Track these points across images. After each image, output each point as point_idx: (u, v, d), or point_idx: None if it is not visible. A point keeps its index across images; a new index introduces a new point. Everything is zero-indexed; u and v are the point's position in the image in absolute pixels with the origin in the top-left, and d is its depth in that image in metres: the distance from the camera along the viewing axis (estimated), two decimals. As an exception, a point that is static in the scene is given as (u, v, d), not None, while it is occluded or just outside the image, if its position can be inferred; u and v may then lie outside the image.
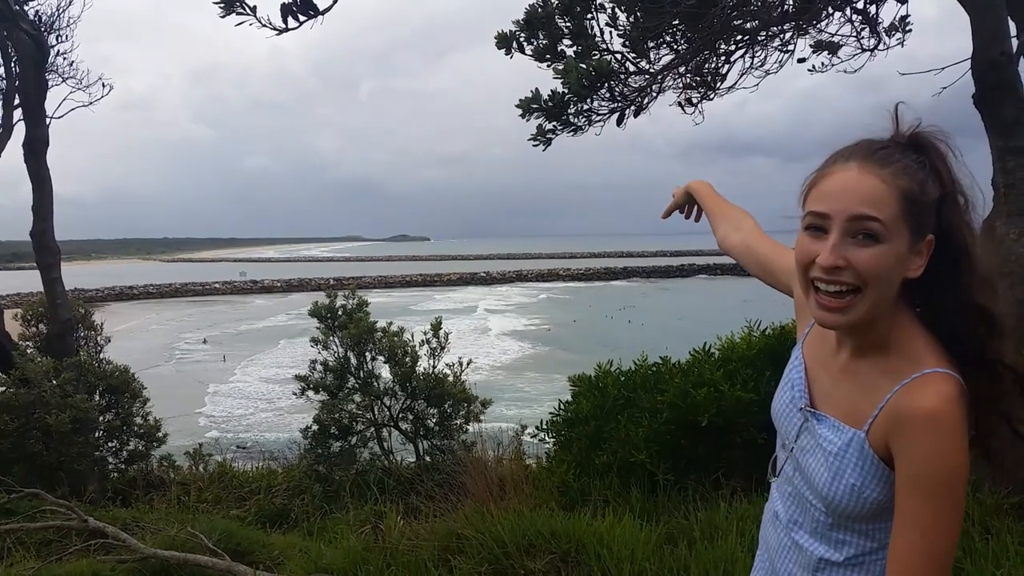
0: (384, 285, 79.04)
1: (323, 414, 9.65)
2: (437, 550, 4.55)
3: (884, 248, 1.29)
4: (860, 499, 1.38)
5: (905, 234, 1.31)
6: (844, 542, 1.45)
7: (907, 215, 1.30)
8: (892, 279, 1.32)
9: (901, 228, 1.30)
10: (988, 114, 4.70)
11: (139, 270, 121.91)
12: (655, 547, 4.21)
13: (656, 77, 5.71)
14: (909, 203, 1.30)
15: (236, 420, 22.75)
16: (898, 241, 1.30)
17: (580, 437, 5.88)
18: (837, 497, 1.40)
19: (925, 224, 1.32)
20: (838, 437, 1.42)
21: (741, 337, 6.11)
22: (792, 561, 1.54)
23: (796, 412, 1.55)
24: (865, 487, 1.37)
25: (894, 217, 1.29)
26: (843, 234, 1.31)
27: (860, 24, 5.88)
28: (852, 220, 1.30)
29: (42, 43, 10.86)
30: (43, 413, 8.91)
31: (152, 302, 69.75)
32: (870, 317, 1.35)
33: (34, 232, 10.87)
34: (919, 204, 1.31)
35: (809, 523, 1.50)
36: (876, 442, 1.35)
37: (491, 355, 33.97)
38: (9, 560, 5.68)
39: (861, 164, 1.33)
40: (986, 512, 4.22)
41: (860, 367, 1.43)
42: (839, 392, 1.47)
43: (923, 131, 1.37)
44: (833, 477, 1.41)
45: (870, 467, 1.36)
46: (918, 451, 1.28)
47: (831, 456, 1.42)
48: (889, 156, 1.33)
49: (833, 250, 1.31)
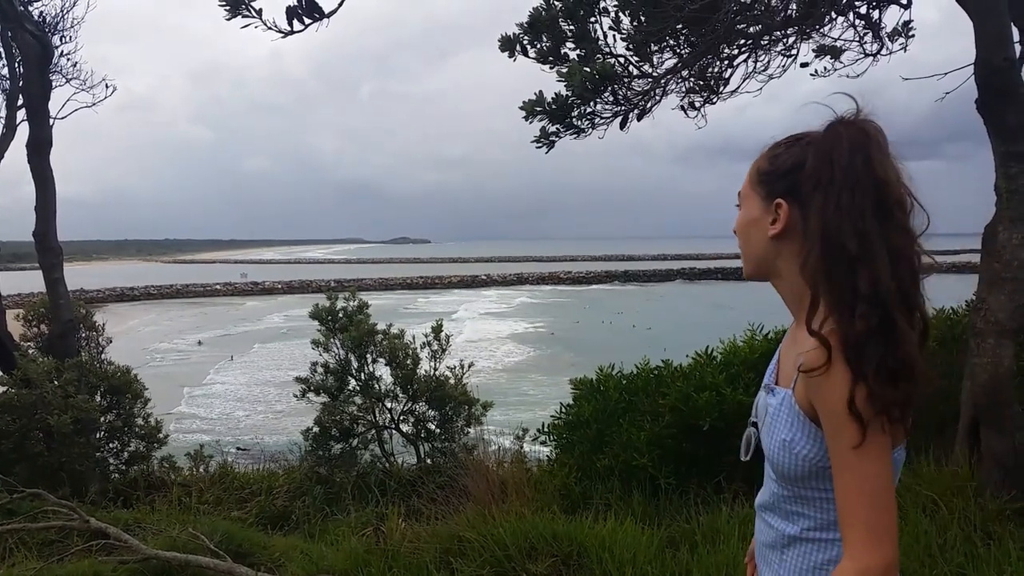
0: (385, 287, 79.05)
1: (324, 416, 9.65)
2: (439, 552, 4.56)
3: (741, 211, 1.65)
4: (792, 455, 1.48)
5: (755, 199, 1.60)
6: (797, 514, 1.54)
7: (756, 184, 1.61)
8: (750, 235, 1.62)
9: (751, 195, 1.62)
10: (991, 119, 4.70)
11: (140, 271, 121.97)
12: (657, 551, 4.21)
13: (659, 81, 5.72)
14: (758, 174, 1.60)
15: (233, 422, 22.78)
16: (748, 205, 1.63)
17: (582, 440, 5.89)
18: (774, 455, 1.52)
19: (773, 190, 1.56)
20: (775, 399, 1.56)
21: (743, 340, 6.12)
22: (767, 545, 1.64)
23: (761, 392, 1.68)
24: (795, 443, 1.47)
25: (746, 187, 1.64)
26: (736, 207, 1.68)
27: (863, 29, 5.89)
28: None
29: (46, 44, 10.88)
30: (45, 414, 8.90)
31: (153, 303, 69.80)
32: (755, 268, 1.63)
33: (37, 232, 10.87)
34: (766, 173, 1.59)
35: (771, 500, 1.60)
36: (801, 399, 1.47)
37: (493, 358, 33.97)
38: (11, 560, 5.68)
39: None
40: (988, 517, 4.22)
41: (794, 332, 1.60)
42: (784, 360, 1.63)
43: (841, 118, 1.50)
44: (770, 436, 1.55)
45: (798, 423, 1.48)
46: (822, 395, 1.40)
47: (770, 417, 1.56)
48: (775, 145, 1.61)
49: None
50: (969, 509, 4.29)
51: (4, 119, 11.34)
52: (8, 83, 11.41)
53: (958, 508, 4.30)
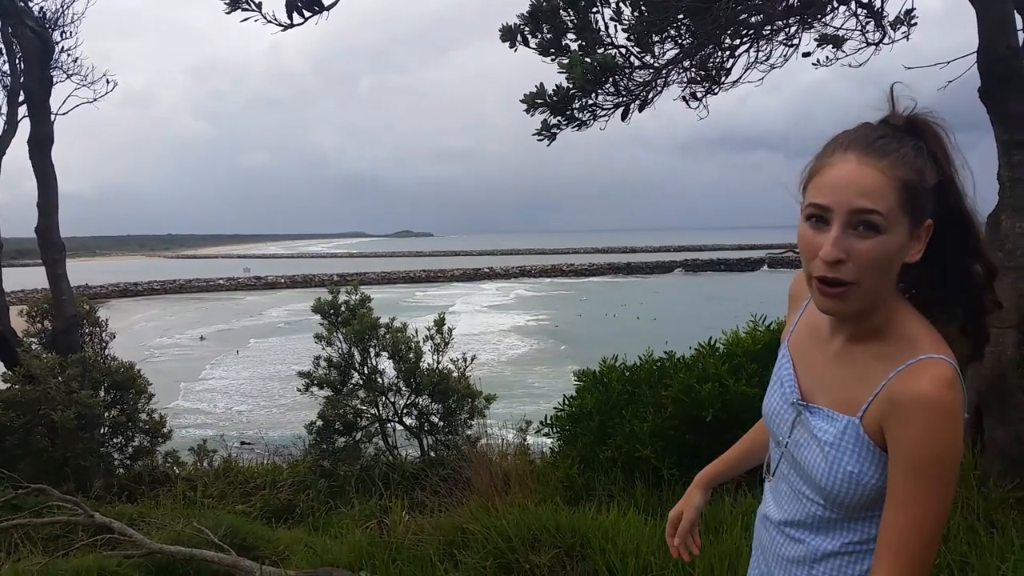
0: (387, 281, 79.05)
1: (327, 410, 9.67)
2: (442, 544, 4.56)
3: (884, 238, 1.30)
4: (859, 486, 1.39)
5: (904, 222, 1.32)
6: (846, 530, 1.45)
7: (906, 204, 1.31)
8: (891, 267, 1.34)
9: (900, 217, 1.31)
10: (994, 108, 4.68)
11: (142, 266, 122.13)
12: (660, 541, 4.21)
13: (661, 71, 5.70)
14: (908, 192, 1.31)
15: (236, 416, 22.82)
16: (898, 230, 1.31)
17: (585, 432, 5.89)
18: (835, 486, 1.41)
19: (923, 210, 1.33)
20: (833, 426, 1.43)
21: (746, 332, 6.11)
22: (788, 559, 1.55)
23: (788, 408, 1.55)
24: (863, 474, 1.38)
25: (893, 208, 1.30)
26: (844, 227, 1.31)
27: (865, 18, 5.86)
28: (853, 213, 1.30)
29: (47, 39, 10.87)
30: (48, 409, 8.93)
31: (156, 298, 69.88)
32: (868, 304, 1.36)
33: (39, 228, 10.88)
34: (917, 192, 1.32)
35: (805, 518, 1.50)
36: (871, 427, 1.37)
37: (497, 350, 34.00)
38: (16, 555, 5.70)
39: (860, 155, 1.33)
40: (991, 506, 4.21)
41: (854, 353, 1.44)
42: (831, 380, 1.47)
43: (919, 115, 1.38)
44: (830, 467, 1.41)
45: (867, 453, 1.38)
46: (911, 433, 1.30)
47: (827, 446, 1.42)
48: (887, 145, 1.33)
49: (835, 243, 1.31)
50: (972, 498, 4.28)
51: (5, 115, 11.36)
52: (9, 79, 11.41)
53: (961, 497, 4.29)
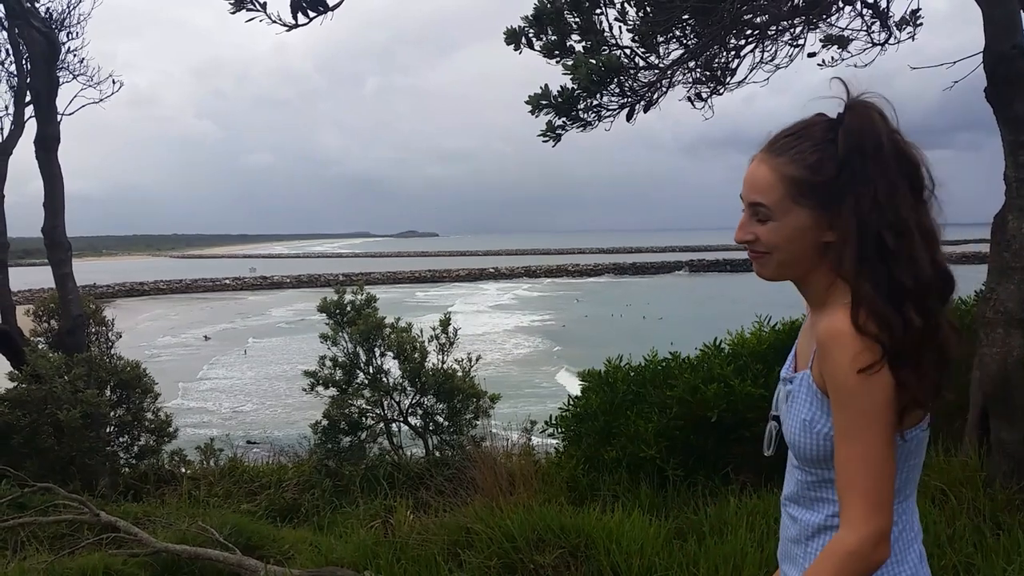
0: (393, 281, 79.12)
1: (333, 409, 9.68)
2: (447, 544, 4.56)
3: (775, 224, 1.49)
4: (812, 434, 1.49)
5: (800, 211, 1.47)
6: (821, 500, 1.53)
7: (796, 196, 1.47)
8: (792, 246, 1.50)
9: (791, 207, 1.47)
10: (1000, 108, 4.66)
11: (149, 266, 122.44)
12: (664, 542, 4.21)
13: (666, 72, 5.70)
14: (795, 186, 1.47)
15: (242, 416, 22.87)
16: (791, 217, 1.48)
17: (589, 432, 5.89)
18: (796, 436, 1.52)
19: (829, 197, 1.45)
20: (796, 383, 1.56)
21: (751, 332, 6.10)
22: (792, 540, 1.62)
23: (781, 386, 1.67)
24: (815, 421, 1.48)
25: (779, 200, 1.48)
26: (750, 215, 1.54)
27: (871, 18, 5.85)
28: (750, 205, 1.53)
29: (53, 40, 10.91)
30: (54, 408, 8.96)
31: (162, 298, 70.06)
32: (792, 272, 1.55)
33: (46, 228, 10.93)
34: (810, 184, 1.46)
35: (795, 488, 1.59)
36: (817, 377, 1.48)
37: (503, 350, 34.02)
38: (23, 554, 5.72)
39: (762, 155, 1.53)
40: (997, 508, 4.20)
41: (814, 321, 1.56)
42: (802, 349, 1.62)
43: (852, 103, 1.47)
44: (791, 419, 1.55)
45: (816, 401, 1.49)
46: (831, 365, 1.41)
47: (792, 401, 1.56)
48: (786, 144, 1.50)
49: (741, 227, 1.55)
50: (978, 499, 4.27)
51: (12, 116, 11.39)
52: (16, 80, 11.45)
53: (967, 498, 4.28)
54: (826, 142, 1.47)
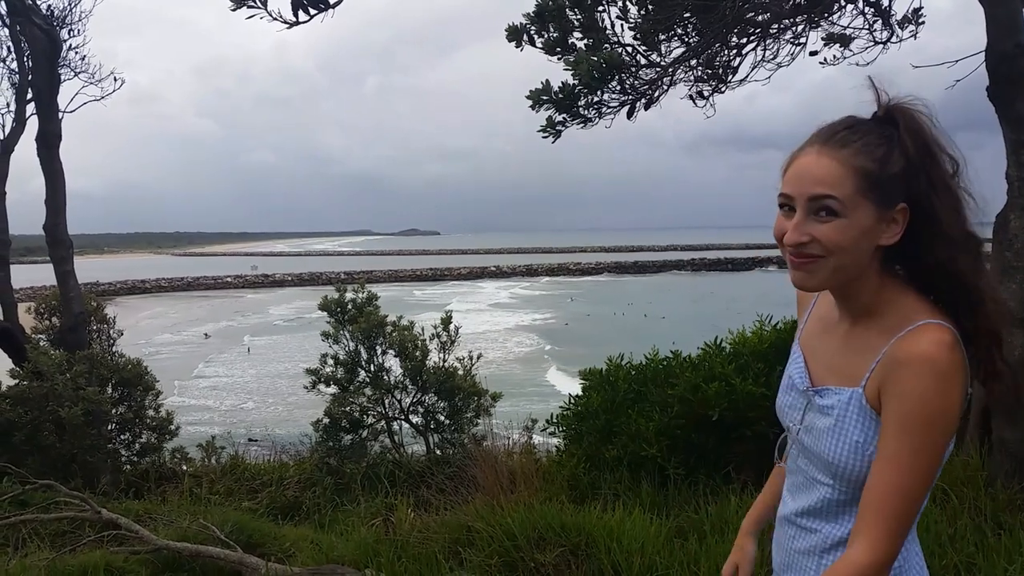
0: (395, 279, 79.15)
1: (334, 407, 9.69)
2: (447, 542, 4.56)
3: (844, 222, 1.38)
4: (863, 457, 1.42)
5: (867, 207, 1.39)
6: (849, 513, 1.48)
7: (866, 190, 1.38)
8: (857, 247, 1.40)
9: (860, 202, 1.38)
10: (1002, 107, 4.65)
11: (151, 263, 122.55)
12: (665, 540, 4.21)
13: (667, 70, 5.69)
14: (866, 179, 1.38)
15: (243, 413, 22.89)
16: (859, 214, 1.38)
17: (590, 431, 5.88)
18: (842, 458, 1.45)
19: (892, 195, 1.39)
20: (838, 400, 1.47)
21: (752, 331, 6.09)
22: (802, 552, 1.57)
23: (799, 398, 1.60)
24: (868, 443, 1.42)
25: (851, 194, 1.38)
26: (806, 213, 1.41)
27: (872, 16, 5.84)
28: (812, 200, 1.40)
29: (54, 37, 10.91)
30: (56, 405, 8.97)
31: (164, 295, 70.12)
32: (841, 279, 1.44)
33: (47, 226, 10.94)
34: (879, 178, 1.39)
35: (817, 503, 1.53)
36: (872, 397, 1.41)
37: (504, 349, 34.04)
38: (24, 551, 5.73)
39: (820, 147, 1.42)
40: (999, 508, 4.19)
41: (858, 333, 1.49)
42: (839, 361, 1.52)
43: (898, 103, 1.43)
44: (837, 439, 1.45)
45: (870, 422, 1.42)
46: (904, 390, 1.34)
47: (833, 420, 1.47)
48: (848, 136, 1.41)
49: (796, 228, 1.41)
50: (980, 499, 4.27)
51: (14, 113, 11.39)
52: (17, 77, 11.45)
53: (969, 498, 4.28)
54: (888, 138, 1.41)
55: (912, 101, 1.43)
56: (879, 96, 1.44)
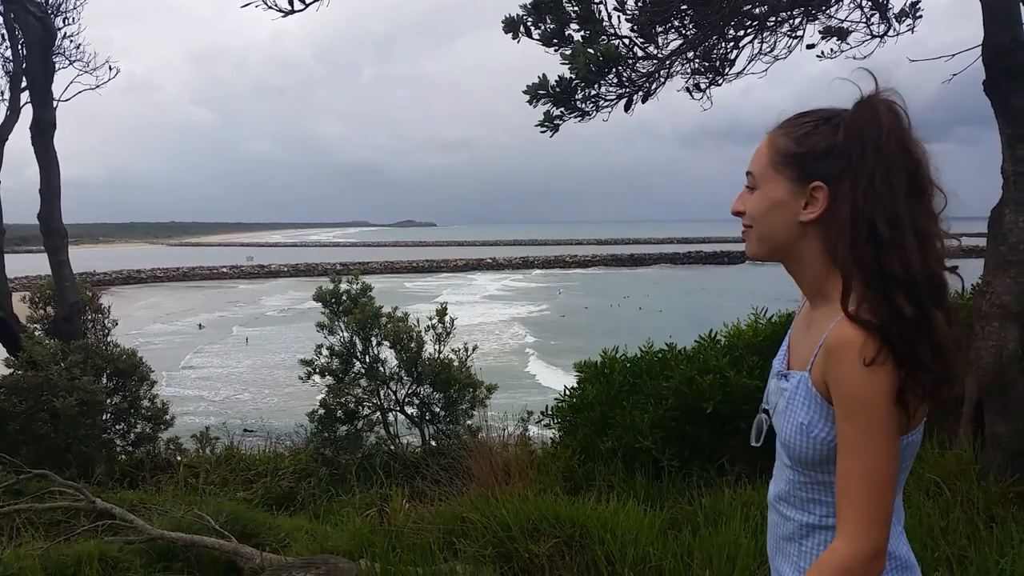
0: (391, 271, 79.07)
1: (329, 398, 9.69)
2: (442, 533, 4.58)
3: (757, 193, 1.54)
4: (809, 438, 1.46)
5: (779, 180, 1.50)
6: (814, 500, 1.51)
7: (778, 164, 1.50)
8: (771, 218, 1.52)
9: (771, 175, 1.51)
10: (998, 101, 4.66)
11: (146, 253, 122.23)
12: (659, 532, 4.22)
13: (664, 62, 5.68)
14: (778, 154, 1.50)
15: (239, 404, 22.89)
16: (770, 186, 1.52)
17: (585, 423, 5.90)
18: (791, 439, 1.50)
19: (808, 173, 1.47)
20: (791, 383, 1.53)
21: (747, 324, 6.11)
22: (784, 538, 1.60)
23: (773, 381, 1.65)
24: (812, 425, 1.46)
25: (763, 166, 1.53)
26: (745, 186, 1.58)
27: (870, 10, 5.84)
28: (747, 175, 1.57)
29: (49, 25, 10.85)
30: (51, 395, 8.96)
31: (159, 285, 69.98)
32: (768, 249, 1.55)
33: (41, 215, 10.90)
34: (794, 154, 1.49)
35: (786, 486, 1.56)
36: (818, 380, 1.46)
37: (500, 340, 34.05)
38: (18, 540, 5.72)
39: (769, 132, 1.56)
40: (991, 501, 4.22)
41: (815, 316, 1.55)
42: (802, 345, 1.58)
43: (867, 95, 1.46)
44: (787, 420, 1.51)
45: (815, 405, 1.46)
46: (839, 375, 1.38)
47: (786, 402, 1.53)
48: (791, 120, 1.53)
49: (737, 199, 1.59)
50: (972, 492, 4.29)
51: (8, 101, 11.34)
52: (11, 65, 11.40)
53: (961, 491, 4.30)
54: (826, 124, 1.48)
55: (883, 95, 1.45)
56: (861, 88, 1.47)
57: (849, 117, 1.46)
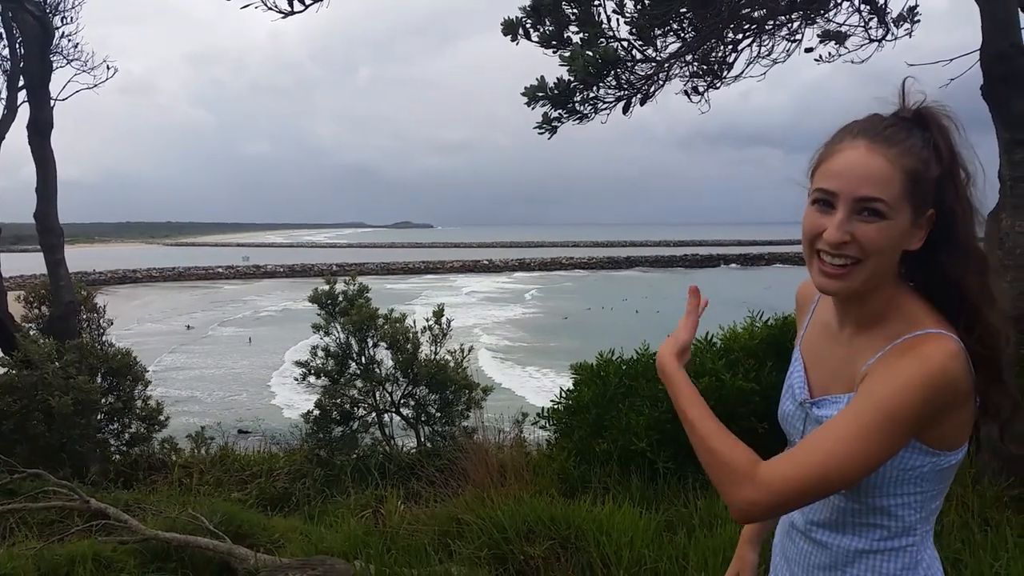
0: (387, 272, 79.02)
1: (325, 399, 9.68)
2: (437, 535, 4.57)
3: (887, 224, 1.32)
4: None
5: (907, 211, 1.33)
6: (869, 525, 1.42)
7: (909, 193, 1.33)
8: (893, 252, 1.36)
9: (903, 205, 1.33)
10: (996, 106, 4.67)
11: (142, 253, 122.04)
12: (654, 534, 4.22)
13: (663, 65, 5.68)
14: (912, 182, 1.33)
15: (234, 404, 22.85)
16: (901, 218, 1.33)
17: (581, 425, 5.89)
18: None
19: (926, 200, 1.35)
20: (837, 408, 1.42)
21: (743, 327, 6.11)
22: (817, 566, 1.51)
23: (797, 409, 1.55)
24: None
25: (897, 196, 1.32)
26: (850, 212, 1.33)
27: (868, 14, 5.85)
28: (859, 200, 1.33)
29: (47, 24, 10.84)
30: (45, 395, 8.94)
31: (154, 285, 69.87)
32: (870, 286, 1.38)
33: (38, 214, 10.88)
34: (921, 182, 1.33)
35: (829, 516, 1.46)
36: None
37: (497, 342, 34.04)
38: (11, 540, 5.71)
39: (869, 143, 1.34)
40: (986, 504, 4.23)
41: (861, 339, 1.44)
42: (842, 368, 1.46)
43: (928, 107, 1.39)
44: None
45: None
46: (886, 373, 1.30)
47: None
48: (896, 135, 1.35)
49: (839, 226, 1.33)
50: (967, 496, 4.29)
51: (5, 100, 11.33)
52: (9, 64, 11.38)
53: (956, 495, 4.30)
54: (926, 140, 1.36)
55: (942, 107, 1.39)
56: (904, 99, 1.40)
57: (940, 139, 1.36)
